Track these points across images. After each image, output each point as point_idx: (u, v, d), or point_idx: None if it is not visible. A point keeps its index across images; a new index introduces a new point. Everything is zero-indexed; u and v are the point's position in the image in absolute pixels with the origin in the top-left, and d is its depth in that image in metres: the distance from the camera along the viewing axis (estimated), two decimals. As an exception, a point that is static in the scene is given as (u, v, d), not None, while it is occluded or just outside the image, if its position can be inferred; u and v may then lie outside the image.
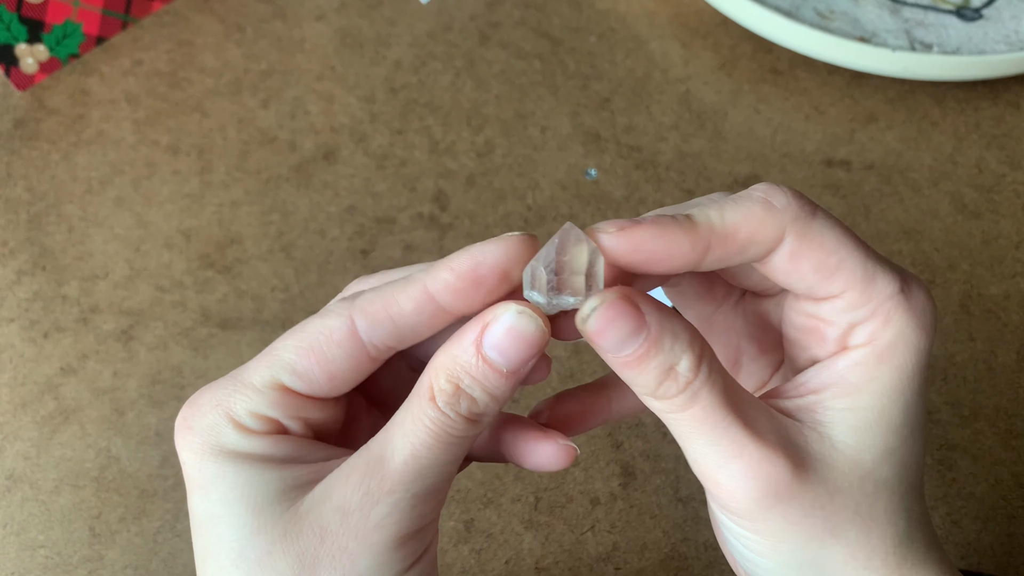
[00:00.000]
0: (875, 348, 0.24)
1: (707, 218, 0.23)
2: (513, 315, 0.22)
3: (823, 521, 0.24)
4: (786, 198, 0.23)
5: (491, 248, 0.23)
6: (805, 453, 0.23)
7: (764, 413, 0.24)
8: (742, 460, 0.23)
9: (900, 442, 0.24)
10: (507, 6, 0.55)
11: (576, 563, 0.38)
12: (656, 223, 0.23)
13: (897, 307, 0.24)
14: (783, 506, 0.23)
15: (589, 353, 0.43)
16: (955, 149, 0.50)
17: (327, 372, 0.24)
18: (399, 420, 0.23)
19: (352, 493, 0.23)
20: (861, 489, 0.24)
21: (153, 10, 0.54)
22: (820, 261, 0.23)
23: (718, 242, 0.23)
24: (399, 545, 0.23)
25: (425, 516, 0.24)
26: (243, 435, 0.24)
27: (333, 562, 0.23)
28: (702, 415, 0.23)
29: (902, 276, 0.24)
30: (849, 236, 0.24)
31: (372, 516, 0.23)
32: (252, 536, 0.23)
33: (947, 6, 0.53)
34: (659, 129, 0.51)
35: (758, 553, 0.25)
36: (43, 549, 0.39)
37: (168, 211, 0.48)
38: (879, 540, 0.24)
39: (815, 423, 0.24)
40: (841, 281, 0.24)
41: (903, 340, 0.24)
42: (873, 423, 0.24)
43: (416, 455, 0.23)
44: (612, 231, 0.23)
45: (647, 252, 0.23)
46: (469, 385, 0.23)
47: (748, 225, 0.23)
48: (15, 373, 0.43)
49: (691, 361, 0.23)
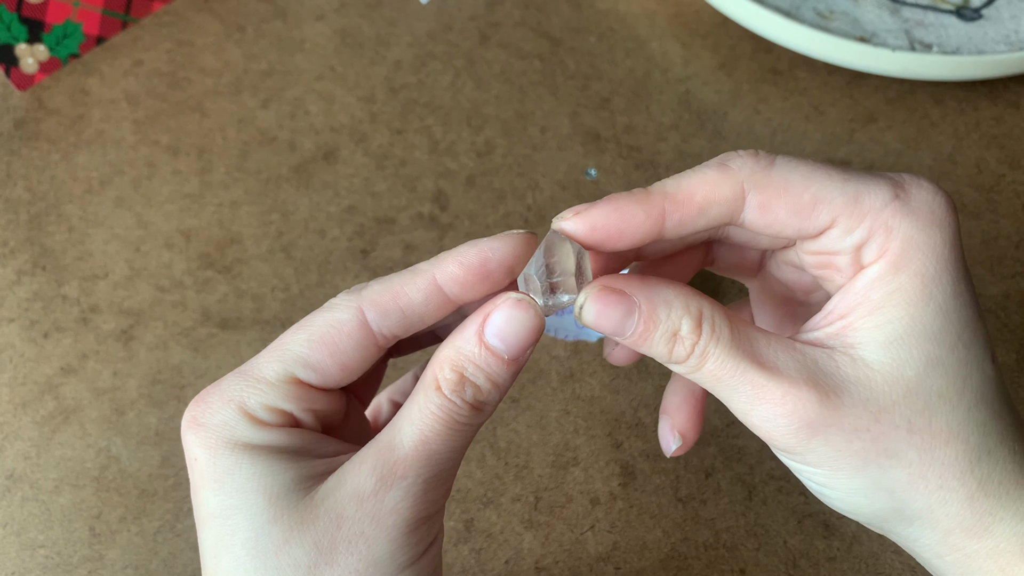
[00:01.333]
0: (888, 260, 0.24)
1: (661, 186, 0.24)
2: (512, 304, 0.24)
3: (872, 443, 0.23)
4: (741, 158, 0.24)
5: (498, 244, 0.24)
6: (837, 379, 0.23)
7: (786, 350, 0.24)
8: (767, 401, 0.24)
9: (947, 351, 0.23)
10: (507, 6, 0.55)
11: (576, 563, 0.38)
12: (609, 200, 0.24)
13: (895, 214, 0.24)
14: (822, 435, 0.23)
15: (589, 353, 0.43)
16: (955, 149, 0.50)
17: (339, 363, 0.25)
18: (406, 411, 0.24)
19: (366, 479, 0.23)
20: (910, 405, 0.23)
21: (153, 10, 0.54)
22: (793, 203, 0.24)
23: (673, 207, 0.24)
24: (412, 530, 0.24)
25: (435, 502, 0.25)
26: (257, 428, 0.24)
27: (350, 547, 0.23)
28: (718, 369, 0.24)
29: (894, 183, 0.24)
30: (819, 168, 0.24)
31: (387, 501, 0.23)
32: (269, 525, 0.23)
33: (947, 6, 0.53)
34: (659, 129, 0.51)
35: (821, 484, 0.25)
36: (43, 549, 0.39)
37: (168, 211, 0.48)
38: (948, 457, 0.23)
39: (845, 346, 0.24)
40: (825, 212, 0.24)
41: (913, 245, 0.23)
42: (904, 334, 0.23)
43: (425, 441, 0.24)
44: (570, 216, 0.24)
45: (605, 229, 0.24)
46: (473, 373, 0.24)
47: (703, 187, 0.24)
48: (15, 373, 0.43)
49: (690, 323, 0.24)
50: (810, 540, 0.39)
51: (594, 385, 0.42)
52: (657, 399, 0.42)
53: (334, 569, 0.23)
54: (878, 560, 0.38)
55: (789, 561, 0.38)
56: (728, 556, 0.39)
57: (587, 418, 0.42)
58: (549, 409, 0.42)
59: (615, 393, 0.42)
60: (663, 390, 0.42)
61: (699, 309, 0.24)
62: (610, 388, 0.42)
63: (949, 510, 0.24)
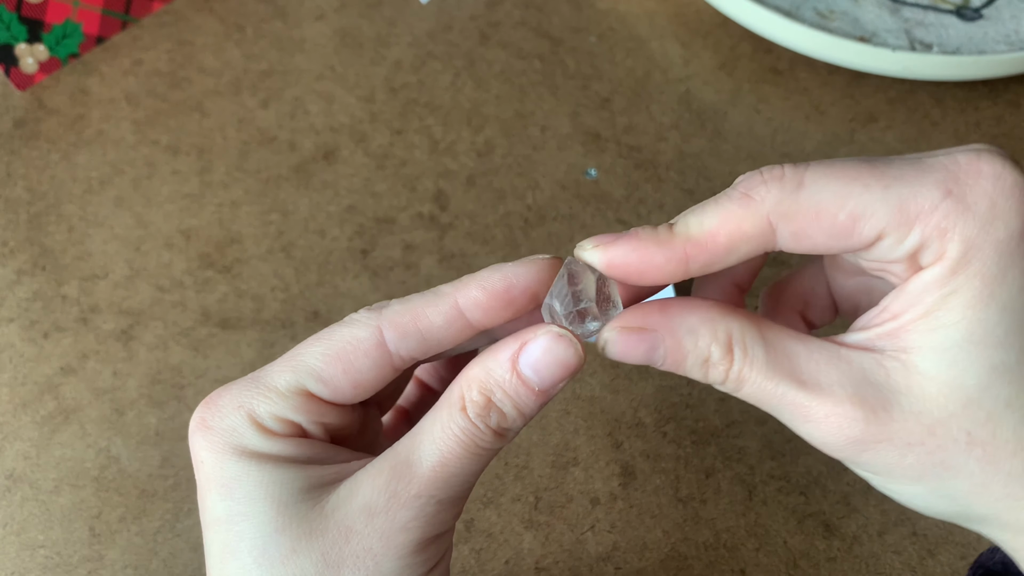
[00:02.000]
0: (945, 263, 0.21)
1: (685, 226, 0.23)
2: (553, 338, 0.23)
3: (927, 456, 0.22)
4: (766, 185, 0.22)
5: (523, 270, 0.24)
6: (886, 391, 0.22)
7: (830, 361, 0.22)
8: (809, 421, 0.23)
9: (1016, 355, 0.21)
10: (507, 6, 0.55)
11: (576, 563, 0.38)
12: (631, 239, 0.23)
13: (948, 215, 0.21)
14: (872, 451, 0.22)
15: (589, 353, 0.43)
16: (955, 149, 0.50)
17: (352, 380, 0.24)
18: (427, 427, 0.24)
19: (379, 495, 0.23)
20: (970, 416, 0.22)
21: (153, 10, 0.54)
22: (829, 226, 0.22)
23: (696, 252, 0.22)
24: (421, 549, 0.24)
25: (446, 523, 0.24)
26: (265, 437, 0.24)
27: (357, 562, 0.23)
28: (756, 391, 0.23)
29: (947, 174, 0.21)
30: (856, 176, 0.22)
31: (398, 518, 0.23)
32: (276, 534, 0.23)
33: (947, 6, 0.53)
34: (659, 129, 0.51)
35: (881, 487, 0.24)
36: (43, 549, 0.39)
37: (168, 211, 0.48)
38: (1016, 468, 0.22)
39: (898, 350, 0.22)
40: (868, 228, 0.22)
41: (972, 245, 0.21)
42: (963, 340, 0.21)
43: (444, 463, 0.23)
44: (590, 248, 0.23)
45: (624, 267, 0.23)
46: (500, 399, 0.23)
47: (726, 228, 0.22)
48: (15, 373, 0.43)
49: (720, 349, 0.23)
50: (810, 540, 0.39)
51: (594, 385, 0.42)
52: (657, 399, 0.42)
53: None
54: (878, 560, 0.38)
55: (789, 561, 0.38)
56: (728, 556, 0.39)
57: (587, 418, 0.42)
58: (549, 409, 0.42)
59: (615, 393, 0.42)
60: (663, 390, 0.42)
61: (728, 334, 0.23)
62: (610, 388, 0.42)
63: (1018, 515, 0.23)
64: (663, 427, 0.41)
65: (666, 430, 0.41)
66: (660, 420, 0.42)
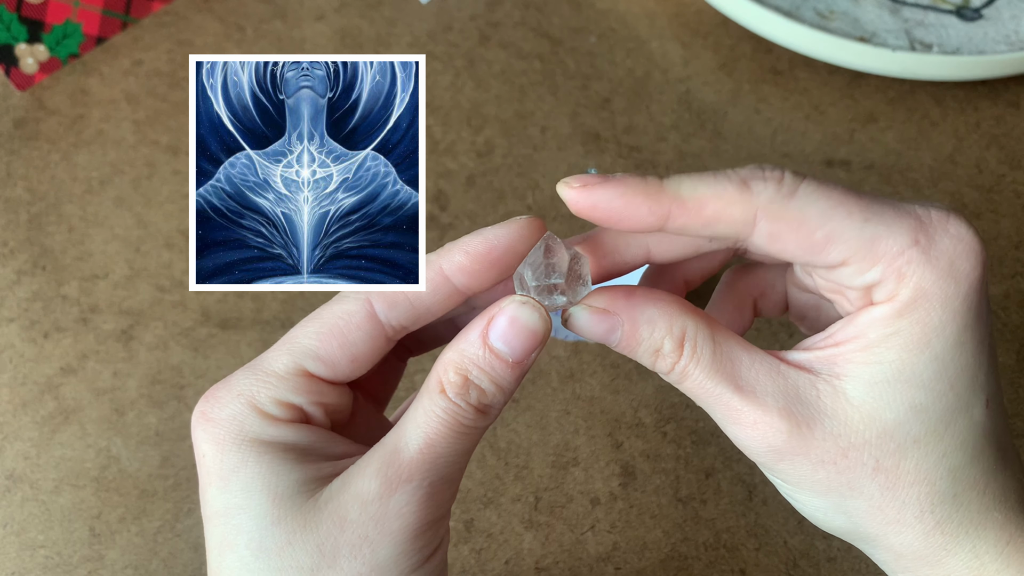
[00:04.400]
0: (895, 305, 0.23)
1: (676, 186, 0.23)
2: (517, 307, 0.24)
3: (836, 475, 0.24)
4: (764, 182, 0.23)
5: (504, 232, 0.24)
6: (813, 409, 0.24)
7: (768, 374, 0.24)
8: (739, 424, 0.24)
9: (934, 398, 0.23)
10: (507, 6, 0.55)
11: (576, 563, 0.38)
12: (620, 183, 0.24)
13: (911, 262, 0.23)
14: (788, 461, 0.24)
15: (589, 353, 0.43)
16: (955, 149, 0.50)
17: (349, 355, 0.25)
18: (411, 415, 0.24)
19: (370, 482, 0.23)
20: (881, 446, 0.23)
21: (153, 10, 0.54)
22: (804, 238, 0.23)
23: (680, 212, 0.23)
24: (418, 534, 0.24)
25: (440, 506, 0.24)
26: (267, 423, 0.24)
27: (354, 551, 0.23)
28: (696, 387, 0.25)
29: (918, 224, 0.23)
30: (842, 202, 0.23)
31: (391, 505, 0.23)
32: (272, 527, 0.23)
33: (947, 6, 0.53)
34: (659, 129, 0.51)
35: (787, 494, 0.26)
36: (43, 549, 0.39)
37: (168, 211, 0.48)
38: (910, 497, 0.24)
39: (832, 375, 0.24)
40: (837, 252, 0.23)
41: (923, 294, 0.23)
42: (893, 378, 0.23)
43: (431, 444, 0.24)
44: (576, 186, 0.24)
45: (606, 211, 0.24)
46: (477, 376, 0.24)
47: (715, 203, 0.23)
48: (15, 373, 0.43)
49: (672, 343, 0.24)
50: (810, 540, 0.39)
51: (594, 385, 0.42)
52: (657, 399, 0.42)
53: (337, 572, 0.23)
54: (878, 560, 0.38)
55: (789, 561, 0.38)
56: (728, 556, 0.39)
57: (587, 418, 0.42)
58: (549, 409, 0.42)
59: (615, 393, 0.42)
60: (663, 390, 0.42)
61: (683, 329, 0.24)
62: (610, 388, 0.42)
63: (903, 539, 0.24)
64: (663, 427, 0.41)
65: (666, 430, 0.41)
66: (660, 420, 0.42)
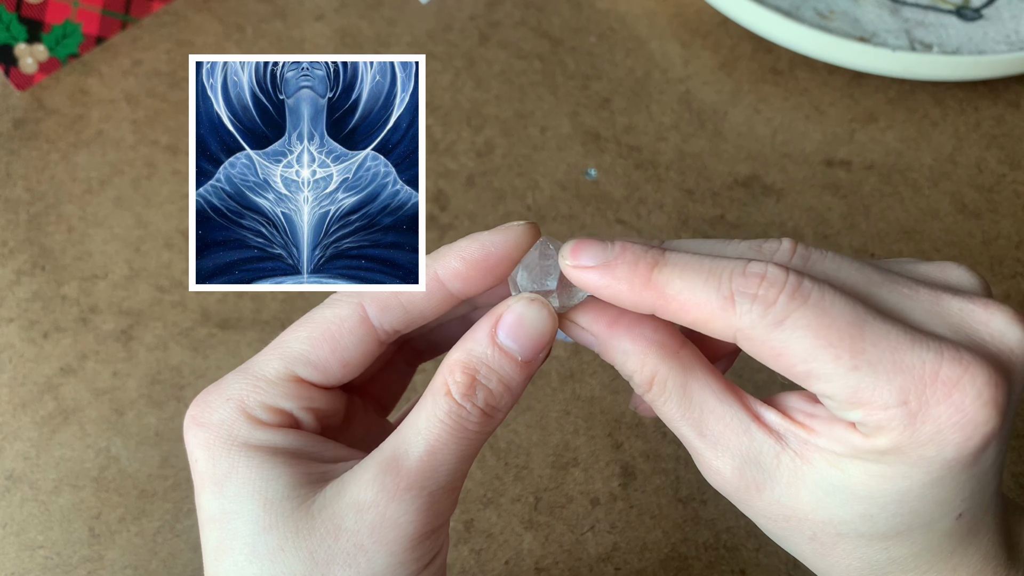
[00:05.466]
0: (870, 443, 0.21)
1: (665, 280, 0.22)
2: (525, 304, 0.24)
3: (777, 529, 0.24)
4: (751, 303, 0.21)
5: (500, 238, 0.24)
6: (767, 475, 0.23)
7: (733, 431, 0.23)
8: (699, 461, 0.24)
9: (888, 516, 0.22)
10: (507, 6, 0.55)
11: (576, 563, 0.38)
12: (608, 272, 0.23)
13: (892, 419, 0.21)
14: (740, 504, 0.24)
15: (589, 353, 0.43)
16: (955, 149, 0.50)
17: (340, 359, 0.24)
18: (412, 419, 0.24)
19: (367, 490, 0.23)
20: (823, 528, 0.23)
21: (153, 10, 0.54)
22: (783, 366, 0.22)
23: (663, 308, 0.23)
24: (415, 545, 0.23)
25: (440, 515, 0.24)
26: (256, 428, 0.24)
27: (348, 560, 0.23)
28: (664, 417, 0.25)
29: (913, 385, 0.20)
30: (833, 343, 0.21)
31: (389, 513, 0.23)
32: (264, 532, 0.23)
33: (947, 6, 0.53)
34: (659, 129, 0.51)
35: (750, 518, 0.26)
36: (43, 549, 0.39)
37: (168, 211, 0.48)
38: (839, 566, 0.24)
39: (798, 452, 0.23)
40: (818, 387, 0.21)
41: (898, 451, 0.21)
42: (852, 489, 0.22)
43: (432, 451, 0.23)
44: (568, 263, 0.24)
45: (595, 291, 0.23)
46: (485, 376, 0.23)
47: (698, 312, 0.22)
48: (15, 373, 0.43)
49: (640, 380, 0.24)
50: (810, 540, 0.39)
51: (594, 385, 0.42)
52: (657, 399, 0.42)
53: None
54: (878, 560, 0.38)
55: (789, 562, 0.38)
56: (728, 557, 0.39)
57: (587, 418, 0.42)
58: (549, 409, 0.42)
59: (615, 393, 0.42)
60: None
61: (653, 373, 0.24)
62: (610, 388, 0.42)
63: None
64: (663, 427, 0.41)
65: (666, 430, 0.41)
66: (660, 420, 0.42)
